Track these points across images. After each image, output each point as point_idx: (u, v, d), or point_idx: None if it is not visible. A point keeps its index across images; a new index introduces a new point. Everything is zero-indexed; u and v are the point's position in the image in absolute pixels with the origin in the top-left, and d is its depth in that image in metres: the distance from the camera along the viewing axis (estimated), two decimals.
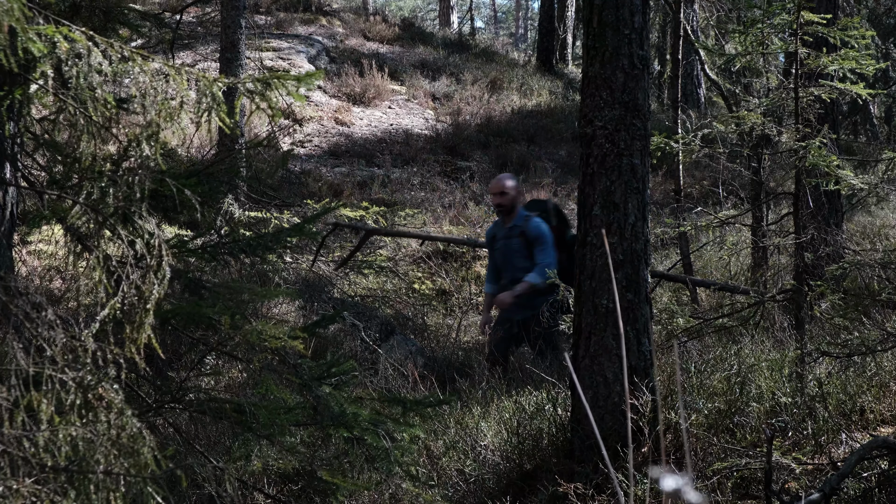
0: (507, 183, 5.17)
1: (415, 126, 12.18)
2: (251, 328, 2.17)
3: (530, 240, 5.02)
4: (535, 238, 5.01)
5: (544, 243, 5.01)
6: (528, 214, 5.11)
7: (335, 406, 2.32)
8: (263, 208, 7.54)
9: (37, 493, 1.48)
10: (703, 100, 15.03)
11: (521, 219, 5.11)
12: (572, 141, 12.07)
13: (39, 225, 1.89)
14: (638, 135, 3.25)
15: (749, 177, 6.45)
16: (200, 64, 12.07)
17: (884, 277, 3.89)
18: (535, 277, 4.88)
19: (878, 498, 2.56)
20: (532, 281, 4.89)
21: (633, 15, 3.25)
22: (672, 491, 0.88)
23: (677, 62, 7.98)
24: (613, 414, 3.18)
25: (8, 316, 1.60)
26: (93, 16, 2.32)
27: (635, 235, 3.24)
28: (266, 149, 3.33)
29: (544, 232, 5.04)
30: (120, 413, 1.57)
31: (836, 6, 6.75)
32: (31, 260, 5.90)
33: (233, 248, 2.47)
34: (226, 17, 8.38)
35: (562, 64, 17.08)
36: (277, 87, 1.80)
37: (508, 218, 5.17)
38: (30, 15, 1.58)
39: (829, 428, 3.05)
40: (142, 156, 1.69)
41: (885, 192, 7.18)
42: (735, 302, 5.69)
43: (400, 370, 4.75)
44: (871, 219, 9.35)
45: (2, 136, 2.01)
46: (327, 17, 16.58)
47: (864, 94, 4.43)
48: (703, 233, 8.48)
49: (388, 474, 2.50)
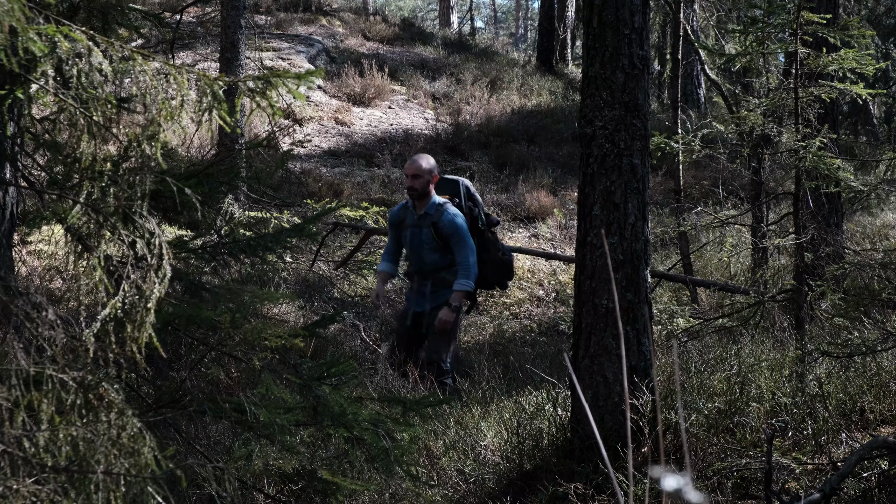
0: (422, 165, 4.72)
1: (415, 126, 12.18)
2: (251, 327, 2.17)
3: (445, 236, 4.66)
4: (451, 235, 4.65)
5: (462, 239, 4.65)
6: (442, 203, 4.72)
7: (335, 406, 2.32)
8: (263, 208, 7.54)
9: (37, 493, 1.48)
10: (703, 100, 15.04)
11: (433, 208, 4.72)
12: (572, 141, 12.07)
13: (39, 225, 1.89)
14: (638, 135, 3.26)
15: (749, 177, 6.45)
16: (200, 64, 12.07)
17: (884, 277, 3.89)
18: (467, 283, 4.60)
19: (878, 498, 2.56)
20: (464, 289, 4.60)
21: (633, 15, 3.25)
22: (672, 491, 0.88)
23: (677, 62, 7.98)
24: (613, 414, 3.18)
25: (8, 316, 1.60)
26: (92, 16, 2.32)
27: (635, 235, 3.24)
28: (266, 149, 3.32)
29: (461, 227, 4.67)
30: (120, 413, 1.57)
31: (836, 6, 6.75)
32: (31, 260, 5.90)
33: (233, 248, 2.47)
34: (226, 17, 8.38)
35: (562, 64, 17.08)
36: (278, 86, 1.79)
37: (420, 203, 4.75)
38: (30, 15, 1.58)
39: (829, 428, 3.05)
40: (142, 156, 1.69)
41: (886, 193, 7.18)
42: (735, 302, 5.70)
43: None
44: (871, 219, 9.35)
45: (2, 136, 2.01)
46: (327, 17, 16.57)
47: (864, 94, 4.43)
48: (703, 233, 8.49)
49: (388, 474, 2.50)
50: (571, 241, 9.08)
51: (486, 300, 7.82)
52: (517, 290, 8.04)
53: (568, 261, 7.72)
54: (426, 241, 4.71)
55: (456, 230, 4.64)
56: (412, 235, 4.76)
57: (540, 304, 7.92)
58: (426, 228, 4.70)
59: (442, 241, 4.68)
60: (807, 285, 4.38)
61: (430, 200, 4.74)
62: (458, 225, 4.66)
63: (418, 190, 4.71)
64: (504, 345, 6.58)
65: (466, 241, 4.66)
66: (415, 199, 4.76)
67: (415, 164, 4.73)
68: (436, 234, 4.68)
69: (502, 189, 10.43)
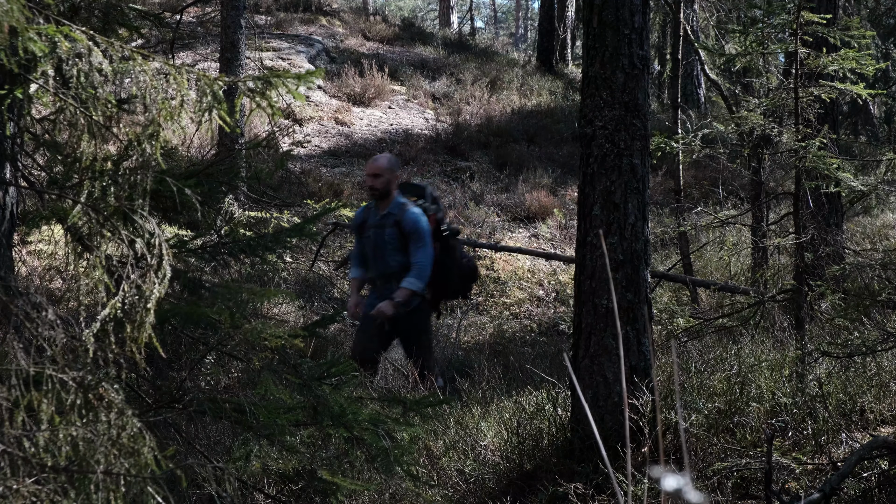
0: (382, 163, 4.57)
1: (415, 126, 12.18)
2: (250, 327, 2.17)
3: (406, 233, 4.50)
4: (411, 232, 4.49)
5: (422, 239, 4.49)
6: (405, 202, 4.58)
7: (335, 406, 2.32)
8: (263, 208, 7.54)
9: (37, 493, 1.48)
10: (703, 100, 15.04)
11: (396, 206, 4.56)
12: (572, 141, 12.07)
13: (39, 225, 1.89)
14: (638, 135, 3.26)
15: (749, 177, 6.45)
16: (200, 64, 12.07)
17: (884, 277, 3.89)
18: (415, 283, 4.45)
19: (878, 498, 2.56)
20: (412, 287, 4.44)
21: (633, 15, 3.25)
22: (672, 491, 0.88)
23: (677, 62, 7.98)
24: (613, 414, 3.18)
25: (8, 316, 1.60)
26: (92, 16, 2.32)
27: (635, 235, 3.24)
28: (266, 149, 3.33)
29: (423, 226, 4.51)
30: (120, 413, 1.57)
31: (836, 6, 6.75)
32: (31, 260, 5.90)
33: (233, 248, 2.47)
34: (226, 17, 8.38)
35: (562, 64, 17.08)
36: (278, 86, 1.79)
37: (382, 203, 4.59)
38: (30, 15, 1.58)
39: (829, 428, 3.05)
40: (142, 155, 1.69)
41: (886, 193, 7.18)
42: (735, 302, 5.70)
43: (400, 370, 4.75)
44: (871, 219, 9.36)
45: (2, 136, 2.01)
46: (327, 17, 16.58)
47: (864, 94, 4.43)
48: (703, 233, 8.49)
49: (388, 474, 2.50)
50: (571, 241, 9.08)
51: (486, 300, 7.83)
52: (517, 290, 8.04)
53: (568, 261, 7.73)
54: (390, 241, 4.54)
55: (418, 229, 4.50)
56: (375, 236, 4.58)
57: (540, 304, 7.92)
58: (389, 228, 4.53)
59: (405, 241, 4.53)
60: (807, 285, 4.38)
61: (392, 200, 4.59)
62: (421, 224, 4.51)
63: (380, 189, 4.55)
64: (504, 345, 6.58)
65: (427, 243, 4.51)
66: (377, 199, 4.61)
67: (375, 163, 4.59)
68: (399, 232, 4.51)
69: (502, 189, 10.43)
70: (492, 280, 8.14)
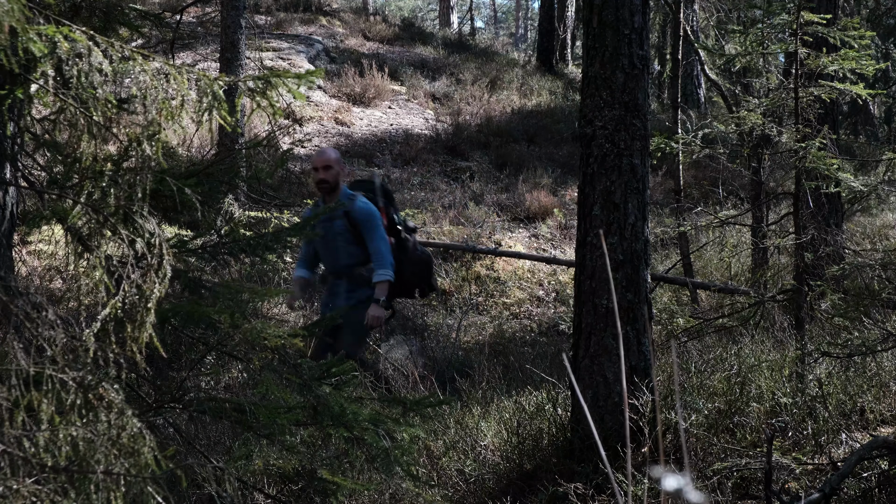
0: (331, 156, 4.54)
1: (415, 126, 12.18)
2: (251, 327, 2.17)
3: (357, 222, 4.45)
4: (364, 221, 4.44)
5: (376, 227, 4.44)
6: (353, 194, 4.55)
7: (335, 406, 2.31)
8: (263, 208, 7.53)
9: (37, 493, 1.48)
10: (703, 100, 15.04)
11: (345, 197, 4.52)
12: (572, 141, 12.07)
13: (39, 225, 1.89)
14: (638, 135, 3.26)
15: (749, 177, 6.45)
16: (200, 64, 12.07)
17: (884, 277, 3.89)
18: (385, 273, 4.38)
19: (878, 498, 2.56)
20: (385, 278, 4.37)
21: (633, 15, 3.25)
22: (672, 491, 0.88)
23: (677, 62, 7.98)
24: (613, 414, 3.18)
25: (8, 316, 1.60)
26: (93, 16, 2.32)
27: (635, 235, 3.24)
28: (266, 149, 3.32)
29: (374, 214, 4.48)
30: (120, 413, 1.57)
31: (836, 6, 6.75)
32: (31, 260, 5.90)
33: (233, 248, 2.47)
34: (226, 17, 8.38)
35: (562, 64, 17.08)
36: (278, 86, 1.79)
37: (331, 197, 4.54)
38: (30, 15, 1.58)
39: (829, 428, 3.05)
40: (142, 155, 1.69)
41: (886, 193, 7.18)
42: (735, 302, 5.70)
43: (400, 370, 4.75)
44: (871, 219, 9.36)
45: (2, 136, 2.01)
46: (327, 17, 16.58)
47: (864, 95, 4.43)
48: (703, 233, 8.49)
49: (388, 474, 2.50)
50: (571, 241, 9.09)
51: (486, 300, 7.82)
52: (517, 290, 8.04)
53: (566, 264, 7.74)
54: (340, 233, 4.48)
55: (370, 216, 4.44)
56: (325, 230, 4.47)
57: (540, 304, 7.92)
58: (339, 219, 4.47)
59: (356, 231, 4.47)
60: (807, 285, 4.38)
61: (340, 192, 4.55)
62: (372, 212, 4.47)
63: (330, 182, 4.49)
64: (504, 345, 6.58)
65: (379, 228, 4.45)
66: (326, 193, 4.54)
67: (324, 156, 4.54)
68: (349, 223, 4.46)
69: (502, 189, 10.43)
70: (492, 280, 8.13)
